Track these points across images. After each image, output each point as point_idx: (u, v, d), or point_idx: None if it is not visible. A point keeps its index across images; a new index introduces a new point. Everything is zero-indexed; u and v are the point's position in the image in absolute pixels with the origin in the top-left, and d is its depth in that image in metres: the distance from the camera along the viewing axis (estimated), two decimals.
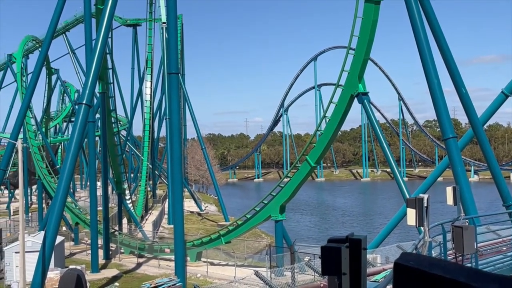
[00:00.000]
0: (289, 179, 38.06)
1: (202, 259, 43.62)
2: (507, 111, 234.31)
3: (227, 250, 46.05)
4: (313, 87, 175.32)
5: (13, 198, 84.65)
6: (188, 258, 41.97)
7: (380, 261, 27.96)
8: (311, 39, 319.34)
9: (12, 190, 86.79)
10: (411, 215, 13.00)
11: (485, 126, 48.29)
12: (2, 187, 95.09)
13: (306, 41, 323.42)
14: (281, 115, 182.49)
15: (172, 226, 49.19)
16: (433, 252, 15.65)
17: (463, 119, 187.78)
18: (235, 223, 42.63)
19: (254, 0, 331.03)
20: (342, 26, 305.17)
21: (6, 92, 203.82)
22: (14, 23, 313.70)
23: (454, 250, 14.37)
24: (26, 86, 66.32)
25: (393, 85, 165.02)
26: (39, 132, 76.03)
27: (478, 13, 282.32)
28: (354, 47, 32.49)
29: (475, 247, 14.93)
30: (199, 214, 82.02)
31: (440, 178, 46.07)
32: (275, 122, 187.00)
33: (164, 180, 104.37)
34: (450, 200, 15.01)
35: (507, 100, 35.57)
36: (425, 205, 13.00)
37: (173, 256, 34.85)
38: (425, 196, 13.22)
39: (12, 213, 73.34)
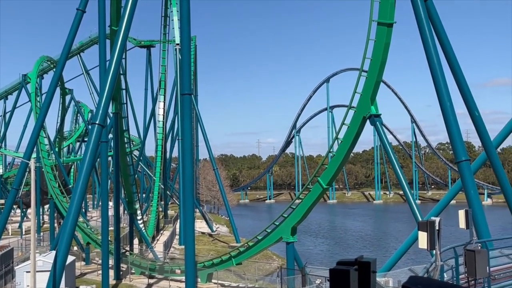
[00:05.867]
0: (300, 200, 37.88)
1: (213, 280, 43.42)
2: None
3: (238, 271, 45.84)
4: (326, 109, 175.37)
5: (25, 217, 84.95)
6: (199, 279, 41.79)
7: (392, 285, 27.66)
8: (324, 61, 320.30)
9: (24, 209, 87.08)
10: (423, 238, 12.90)
11: (498, 149, 47.94)
12: (14, 206, 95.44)
13: (319, 63, 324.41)
14: (293, 136, 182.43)
15: (183, 246, 49.11)
16: (445, 276, 15.50)
17: (476, 142, 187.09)
18: (246, 244, 42.43)
19: (267, 21, 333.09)
20: (355, 48, 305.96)
21: (20, 112, 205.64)
22: (29, 43, 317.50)
23: (466, 274, 14.23)
24: (40, 106, 66.95)
25: (406, 107, 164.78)
26: (52, 152, 76.46)
27: (494, 35, 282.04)
28: (366, 69, 32.51)
29: (488, 271, 14.78)
30: (210, 235, 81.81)
31: (453, 201, 45.65)
32: (287, 143, 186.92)
33: (176, 201, 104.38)
34: (462, 224, 14.90)
35: None
36: (437, 228, 12.91)
37: (184, 277, 34.73)
38: (437, 219, 13.13)
39: (24, 232, 73.61)
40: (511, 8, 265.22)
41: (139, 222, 60.28)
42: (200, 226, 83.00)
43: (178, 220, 75.94)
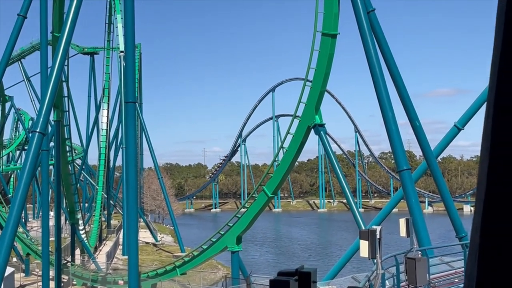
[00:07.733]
0: (246, 209, 37.93)
1: None
2: (460, 144, 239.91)
3: (183, 281, 45.45)
4: (271, 118, 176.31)
5: None
6: None
7: None
8: (269, 70, 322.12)
9: None
10: (364, 247, 13.05)
11: (438, 159, 49.16)
12: None
13: (265, 72, 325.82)
14: (239, 145, 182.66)
15: (126, 257, 48.37)
16: (387, 283, 15.71)
17: (417, 151, 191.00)
18: (191, 254, 42.18)
19: (212, 29, 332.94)
20: (300, 58, 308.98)
21: None
22: None
23: (407, 282, 14.46)
24: None
25: (350, 117, 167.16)
26: None
27: (435, 46, 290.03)
28: (311, 79, 32.88)
29: (428, 278, 15.06)
30: (154, 245, 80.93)
31: (395, 210, 46.59)
32: (233, 152, 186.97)
33: (119, 210, 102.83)
34: (403, 232, 15.15)
35: (459, 133, 36.30)
36: (378, 237, 13.08)
37: None
38: (378, 228, 13.31)
39: None
40: (451, 21, 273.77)
41: (81, 232, 59.11)
42: (144, 236, 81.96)
43: (122, 230, 74.84)
